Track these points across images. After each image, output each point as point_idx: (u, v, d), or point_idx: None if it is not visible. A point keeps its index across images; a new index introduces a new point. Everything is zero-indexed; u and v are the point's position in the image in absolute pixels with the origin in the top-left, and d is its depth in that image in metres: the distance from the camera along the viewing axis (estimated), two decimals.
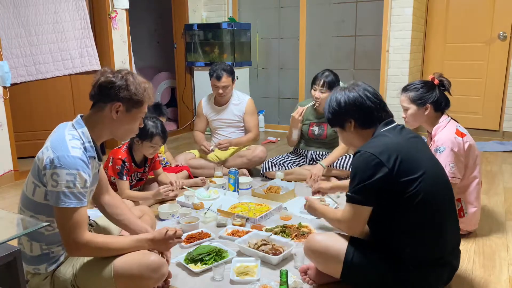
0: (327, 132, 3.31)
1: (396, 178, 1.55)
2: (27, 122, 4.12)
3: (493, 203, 2.83)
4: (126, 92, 1.59)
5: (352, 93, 1.73)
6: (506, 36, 4.60)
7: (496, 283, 1.90)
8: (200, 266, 2.00)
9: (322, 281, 1.83)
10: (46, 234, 1.62)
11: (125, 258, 1.63)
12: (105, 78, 1.59)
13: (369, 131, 1.73)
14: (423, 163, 1.60)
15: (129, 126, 1.68)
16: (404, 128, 1.72)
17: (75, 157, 1.49)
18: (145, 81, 1.68)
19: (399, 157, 1.56)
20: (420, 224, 1.58)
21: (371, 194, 1.58)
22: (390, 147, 1.59)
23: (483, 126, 4.84)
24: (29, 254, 1.63)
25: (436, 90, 2.25)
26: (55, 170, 1.47)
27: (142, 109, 1.67)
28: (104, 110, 1.61)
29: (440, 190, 1.63)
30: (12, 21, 4.00)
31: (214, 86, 3.45)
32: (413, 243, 1.60)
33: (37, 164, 1.55)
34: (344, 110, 1.73)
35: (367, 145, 1.64)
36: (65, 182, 1.47)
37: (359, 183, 1.58)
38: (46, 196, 1.55)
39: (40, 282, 1.66)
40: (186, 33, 5.35)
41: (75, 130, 1.58)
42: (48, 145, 1.54)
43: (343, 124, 1.77)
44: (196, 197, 2.87)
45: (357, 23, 4.91)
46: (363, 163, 1.59)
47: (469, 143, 2.22)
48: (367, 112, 1.71)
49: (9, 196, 3.20)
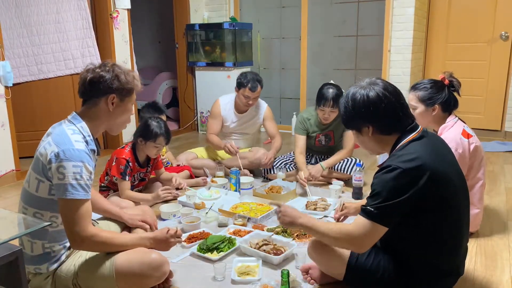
0: (334, 139, 3.28)
1: (425, 196, 1.44)
2: (28, 122, 4.12)
3: (495, 204, 2.83)
4: (117, 83, 1.63)
5: (372, 93, 1.53)
6: (508, 36, 4.59)
7: (498, 283, 1.89)
8: (217, 253, 2.08)
9: (323, 281, 1.83)
10: (50, 231, 1.63)
11: (126, 256, 1.64)
12: (94, 74, 1.62)
13: (391, 137, 1.57)
14: (451, 177, 1.51)
15: (124, 115, 1.72)
16: (429, 135, 1.58)
17: (79, 150, 1.52)
18: (131, 70, 1.73)
19: (431, 173, 1.43)
20: (440, 237, 1.52)
21: (395, 214, 1.46)
22: (422, 162, 1.44)
23: (485, 126, 4.83)
24: (30, 254, 1.64)
25: (446, 91, 2.21)
26: (61, 163, 1.49)
27: (133, 97, 1.72)
28: (99, 104, 1.63)
29: (461, 202, 1.56)
30: (14, 21, 4.00)
31: (245, 96, 3.31)
32: (429, 254, 1.54)
33: (40, 160, 1.55)
34: (362, 113, 1.55)
35: (397, 159, 1.47)
36: (72, 174, 1.49)
37: (385, 201, 1.44)
38: (50, 191, 1.56)
39: (42, 281, 1.66)
40: (187, 33, 5.36)
41: (74, 125, 1.61)
42: (50, 140, 1.55)
43: (360, 128, 1.60)
44: (198, 197, 2.87)
45: (359, 23, 4.91)
46: (394, 179, 1.43)
47: (475, 145, 2.20)
48: (388, 117, 1.54)
49: (11, 195, 3.20)
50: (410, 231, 1.52)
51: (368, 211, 1.47)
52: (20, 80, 4.02)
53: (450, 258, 1.58)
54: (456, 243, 1.57)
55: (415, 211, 1.47)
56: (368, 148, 1.66)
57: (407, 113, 1.57)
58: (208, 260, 2.05)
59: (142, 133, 2.70)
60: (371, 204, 1.47)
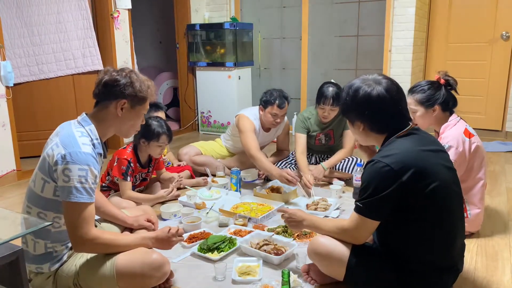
0: (334, 138, 3.28)
1: (411, 191, 1.47)
2: (29, 122, 4.13)
3: (495, 204, 2.82)
4: (131, 89, 1.64)
5: (374, 92, 1.54)
6: (509, 36, 4.58)
7: (499, 283, 1.89)
8: (217, 253, 2.08)
9: (324, 281, 1.83)
10: (53, 231, 1.63)
11: (128, 256, 1.64)
12: (110, 76, 1.64)
13: (381, 136, 1.61)
14: (439, 173, 1.51)
15: (133, 122, 1.73)
16: (419, 132, 1.61)
17: (86, 153, 1.53)
18: (148, 79, 1.74)
19: (415, 169, 1.46)
20: (432, 233, 1.54)
21: (383, 208, 1.51)
22: (406, 157, 1.47)
23: (486, 126, 4.83)
24: (33, 253, 1.64)
25: (443, 90, 2.21)
26: (67, 165, 1.49)
27: (145, 106, 1.73)
28: (109, 108, 1.65)
29: (453, 199, 1.57)
30: (15, 21, 4.01)
31: (273, 114, 3.12)
32: (423, 251, 1.56)
33: (47, 161, 1.55)
34: (359, 109, 1.58)
35: (382, 153, 1.52)
36: (77, 177, 1.49)
37: (371, 196, 1.49)
38: (55, 192, 1.56)
39: (43, 281, 1.66)
40: (188, 33, 5.36)
41: (82, 127, 1.61)
42: (57, 141, 1.55)
43: (353, 121, 1.65)
44: (198, 196, 2.87)
45: (360, 23, 4.91)
46: (378, 174, 1.48)
47: (476, 144, 2.20)
48: (383, 119, 1.57)
49: (12, 195, 3.20)
50: (403, 228, 1.56)
51: (357, 206, 1.56)
52: (21, 80, 4.02)
53: (445, 254, 1.58)
54: (450, 238, 1.58)
55: (404, 206, 1.50)
56: (359, 139, 1.73)
57: (404, 116, 1.59)
58: (208, 260, 2.05)
59: (143, 134, 2.69)
60: (360, 199, 1.55)
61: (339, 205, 2.74)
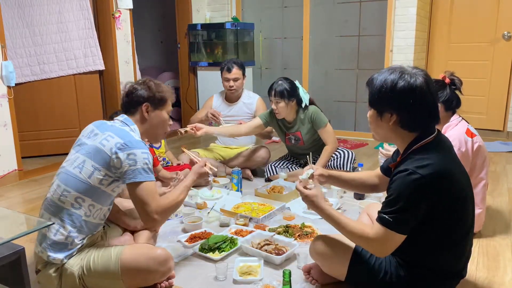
0: (303, 139, 3.19)
1: (440, 203, 1.43)
2: (31, 122, 4.13)
3: (497, 204, 2.82)
4: (148, 92, 1.83)
5: (417, 82, 1.41)
6: (510, 36, 4.58)
7: (500, 284, 1.89)
8: (219, 253, 2.08)
9: (325, 281, 1.82)
10: (83, 218, 1.68)
11: (132, 251, 1.69)
12: (129, 87, 1.86)
13: (410, 134, 1.49)
14: (461, 179, 1.49)
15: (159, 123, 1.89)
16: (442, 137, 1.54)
17: (141, 141, 1.74)
18: (164, 84, 1.93)
19: (447, 180, 1.41)
20: (443, 241, 1.51)
21: (411, 221, 1.43)
22: (440, 167, 1.40)
23: (488, 126, 4.82)
24: (52, 238, 1.66)
25: (447, 89, 2.19)
26: (131, 150, 1.66)
27: (167, 106, 1.90)
28: (136, 114, 1.84)
29: (470, 207, 1.55)
30: (16, 21, 4.02)
31: (225, 79, 3.44)
32: (433, 258, 1.53)
33: (102, 151, 1.67)
34: (396, 99, 1.43)
35: (415, 163, 1.41)
36: (143, 159, 1.67)
37: (403, 209, 1.40)
38: (101, 181, 1.68)
39: (50, 274, 1.68)
40: (189, 33, 5.36)
41: (128, 126, 1.79)
42: (111, 134, 1.70)
43: (383, 112, 1.48)
44: (199, 196, 2.87)
45: (361, 23, 4.90)
46: (411, 186, 1.38)
47: (478, 144, 2.20)
48: (419, 114, 1.45)
49: (14, 195, 3.21)
50: (412, 234, 1.48)
51: (384, 219, 1.44)
52: (22, 80, 4.03)
53: (454, 262, 1.57)
54: (461, 246, 1.56)
55: (428, 216, 1.45)
56: (379, 134, 1.56)
57: (437, 115, 1.49)
58: (210, 260, 2.05)
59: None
60: (387, 211, 1.43)
61: (340, 205, 2.74)
